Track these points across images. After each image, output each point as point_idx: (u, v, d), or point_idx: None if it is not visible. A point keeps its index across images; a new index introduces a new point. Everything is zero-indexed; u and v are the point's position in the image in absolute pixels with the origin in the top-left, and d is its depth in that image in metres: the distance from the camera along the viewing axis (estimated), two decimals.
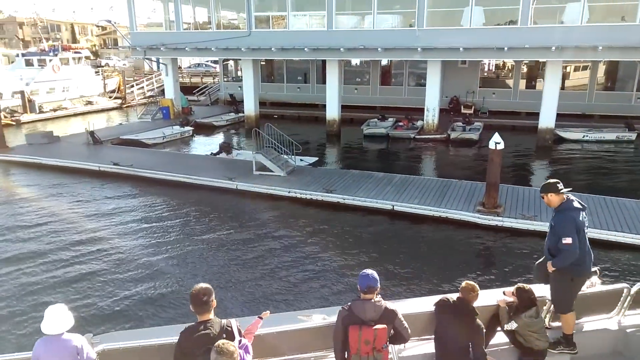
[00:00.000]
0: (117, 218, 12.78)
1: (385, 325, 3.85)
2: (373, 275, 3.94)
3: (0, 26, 73.81)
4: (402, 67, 29.73)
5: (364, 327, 3.80)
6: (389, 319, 3.90)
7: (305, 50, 21.39)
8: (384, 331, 3.83)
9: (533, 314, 4.52)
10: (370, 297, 3.90)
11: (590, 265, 4.91)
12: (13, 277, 9.63)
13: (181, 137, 23.05)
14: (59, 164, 17.21)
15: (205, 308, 3.54)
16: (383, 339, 3.83)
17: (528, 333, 4.53)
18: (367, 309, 3.85)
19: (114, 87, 37.84)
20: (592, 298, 4.92)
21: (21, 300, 8.69)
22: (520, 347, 4.65)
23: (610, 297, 4.99)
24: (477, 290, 4.35)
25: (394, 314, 3.94)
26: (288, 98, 31.51)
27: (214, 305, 3.61)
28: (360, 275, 3.98)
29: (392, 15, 21.45)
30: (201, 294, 3.53)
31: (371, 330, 3.79)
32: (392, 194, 13.02)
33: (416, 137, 22.59)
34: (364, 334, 3.78)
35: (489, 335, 4.59)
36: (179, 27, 24.24)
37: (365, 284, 3.91)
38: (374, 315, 3.84)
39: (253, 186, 14.22)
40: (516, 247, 10.57)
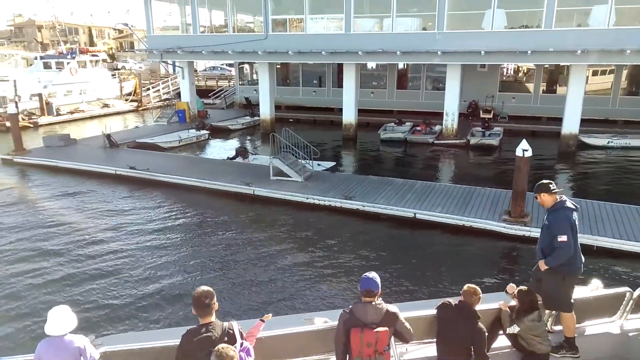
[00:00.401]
0: (132, 222, 12.63)
1: (387, 328, 3.85)
2: (374, 279, 3.95)
3: (19, 29, 75.02)
4: (419, 71, 29.32)
5: (366, 329, 3.82)
6: (391, 322, 3.91)
7: (323, 53, 21.14)
8: (386, 334, 3.84)
9: (535, 318, 4.51)
10: (371, 300, 3.91)
11: (580, 266, 4.94)
12: (28, 277, 9.65)
13: (197, 141, 22.94)
14: (76, 167, 17.16)
15: (207, 311, 3.54)
16: (385, 341, 3.84)
17: (530, 337, 4.51)
18: (368, 311, 3.86)
19: (130, 90, 38.02)
20: (594, 302, 4.90)
21: (34, 300, 8.71)
22: (523, 351, 4.62)
23: (613, 301, 4.97)
24: (479, 294, 4.36)
25: (395, 317, 3.94)
26: (303, 102, 31.30)
27: (216, 308, 3.61)
28: (361, 278, 3.99)
29: (411, 18, 21.05)
30: (203, 297, 3.54)
31: (373, 332, 3.80)
32: (414, 201, 12.66)
33: (435, 142, 22.16)
34: (365, 337, 3.79)
35: (491, 339, 4.56)
36: (195, 30, 24.18)
37: (365, 287, 3.93)
38: (375, 318, 3.85)
39: (270, 192, 13.96)
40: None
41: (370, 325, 3.83)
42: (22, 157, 18.34)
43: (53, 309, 3.77)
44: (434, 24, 20.14)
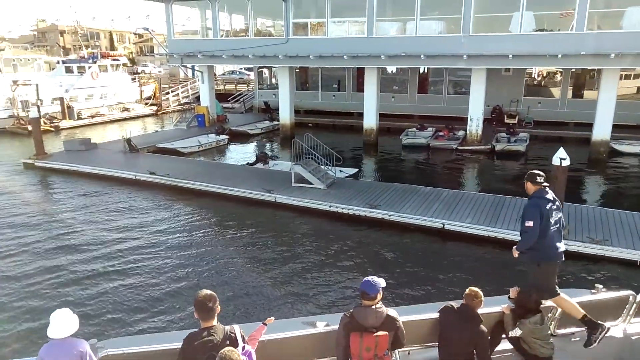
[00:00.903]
0: (152, 227, 12.42)
1: (386, 332, 3.81)
2: (371, 282, 3.91)
3: (42, 34, 76.44)
4: (441, 75, 28.76)
5: (365, 334, 3.78)
6: (391, 326, 3.86)
7: (345, 57, 20.78)
8: (385, 338, 3.80)
9: (538, 321, 4.49)
10: (371, 303, 3.87)
11: (556, 254, 5.04)
12: (46, 279, 9.63)
13: (216, 146, 22.75)
14: (96, 171, 17.06)
15: (210, 314, 3.53)
16: (384, 345, 3.80)
17: (533, 340, 4.48)
18: (368, 315, 3.82)
19: (150, 94, 38.17)
20: (598, 305, 4.85)
21: (46, 301, 8.76)
22: (525, 354, 4.58)
23: (616, 305, 4.93)
24: (481, 297, 4.34)
25: (395, 321, 3.91)
26: (323, 106, 30.97)
27: (218, 311, 3.60)
28: (362, 281, 3.97)
29: (436, 21, 20.56)
30: (206, 300, 3.53)
31: (372, 337, 3.77)
32: (442, 211, 12.16)
33: (458, 147, 21.59)
34: (365, 341, 3.76)
35: (493, 342, 4.56)
36: (216, 34, 24.05)
37: (362, 290, 3.91)
38: (375, 322, 3.81)
39: (292, 199, 13.60)
40: (585, 274, 9.55)
41: (370, 329, 3.79)
42: (43, 161, 18.33)
43: (55, 311, 3.75)
44: (458, 27, 19.63)
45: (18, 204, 14.38)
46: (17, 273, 10.00)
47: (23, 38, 76.25)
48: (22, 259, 10.65)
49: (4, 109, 27.64)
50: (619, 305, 4.94)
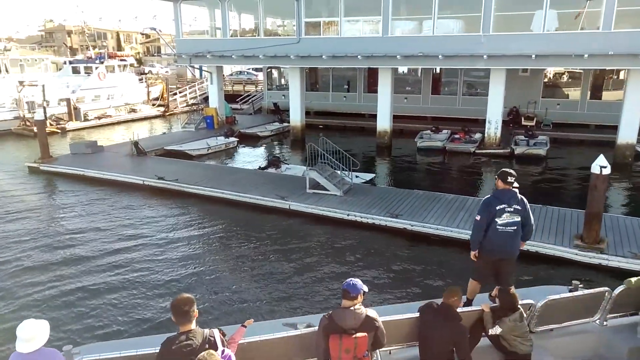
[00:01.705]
0: (160, 235, 11.82)
1: (365, 334, 3.79)
2: (351, 283, 3.90)
3: (50, 34, 76.34)
4: (455, 75, 28.00)
5: (344, 335, 3.76)
6: (370, 327, 3.84)
7: (359, 57, 20.08)
8: (365, 339, 3.78)
9: (517, 318, 4.52)
10: (350, 304, 3.84)
11: (495, 249, 5.57)
12: (43, 286, 9.28)
13: (226, 149, 22.13)
14: (103, 176, 16.48)
15: (186, 318, 3.47)
16: (364, 347, 3.78)
17: (512, 337, 4.53)
18: (347, 317, 3.80)
19: (157, 94, 37.66)
20: (575, 301, 4.92)
21: (44, 308, 8.52)
22: (505, 352, 4.63)
23: (592, 301, 5.01)
24: (460, 295, 4.39)
25: (374, 322, 3.88)
26: (333, 107, 30.30)
27: (196, 315, 3.53)
28: (345, 281, 3.96)
29: (454, 20, 19.82)
30: (181, 304, 3.47)
31: (351, 339, 3.74)
32: (468, 221, 11.41)
33: (476, 151, 20.82)
34: (344, 343, 3.73)
35: (473, 340, 4.56)
36: (225, 33, 23.44)
37: (345, 289, 3.90)
38: (354, 324, 3.78)
39: (308, 207, 12.92)
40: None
41: (349, 331, 3.76)
42: (48, 165, 17.78)
43: (22, 323, 3.48)
44: (477, 26, 18.88)
45: (21, 210, 13.80)
46: (16, 281, 9.50)
47: (30, 38, 76.18)
48: (21, 267, 10.09)
49: (10, 110, 27.18)
50: (595, 302, 5.02)
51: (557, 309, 4.86)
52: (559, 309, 4.88)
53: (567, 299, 4.89)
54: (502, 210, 5.48)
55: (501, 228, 5.49)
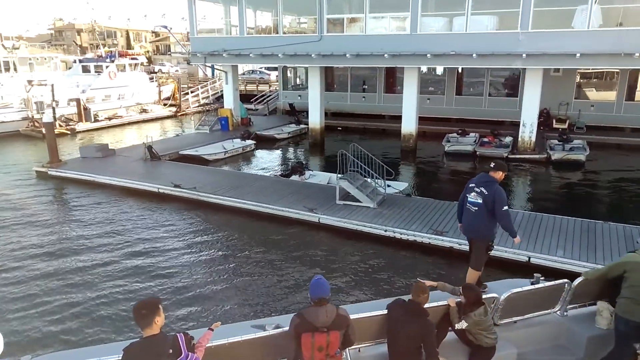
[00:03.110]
0: (175, 250, 10.77)
1: (337, 331, 3.79)
2: (324, 285, 3.88)
3: (59, 33, 75.73)
4: (479, 75, 26.73)
5: (317, 333, 3.75)
6: (341, 325, 3.85)
7: (385, 56, 18.87)
8: (337, 336, 3.79)
9: (482, 312, 4.57)
10: (322, 305, 3.82)
11: (465, 230, 6.44)
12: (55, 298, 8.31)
13: (243, 152, 21.02)
14: (115, 182, 15.42)
15: (146, 322, 3.30)
16: (336, 344, 3.79)
17: (478, 331, 4.58)
18: (319, 314, 3.79)
19: (168, 94, 36.68)
20: (537, 293, 5.01)
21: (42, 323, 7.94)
22: (471, 345, 4.70)
23: (553, 293, 5.10)
24: (428, 292, 4.37)
25: (346, 320, 3.89)
26: (352, 108, 29.12)
27: (160, 321, 3.34)
28: (311, 284, 3.91)
29: (488, 17, 18.53)
30: (140, 308, 3.33)
31: (324, 336, 3.74)
32: (524, 239, 10.19)
33: (509, 156, 19.53)
34: (317, 341, 3.73)
35: (440, 335, 4.59)
36: (242, 31, 22.32)
37: (317, 294, 3.83)
38: (326, 321, 3.78)
39: (339, 220, 11.74)
40: None
41: (321, 329, 3.75)
42: (57, 169, 16.76)
43: None
44: (514, 23, 17.60)
45: (28, 221, 12.77)
46: (21, 296, 8.72)
47: (40, 37, 75.63)
48: (24, 278, 9.08)
49: (18, 111, 26.25)
50: (556, 294, 5.13)
51: (520, 302, 4.95)
52: (522, 302, 4.98)
53: (529, 291, 4.97)
54: (471, 188, 6.12)
55: (468, 205, 6.16)
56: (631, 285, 4.69)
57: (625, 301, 4.72)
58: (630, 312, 4.65)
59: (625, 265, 4.81)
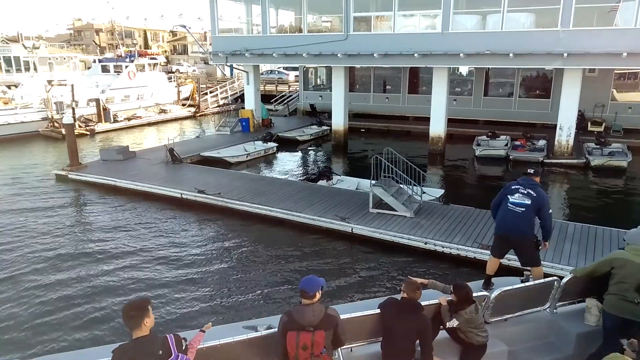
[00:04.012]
0: (200, 260, 10.16)
1: (323, 330, 3.73)
2: (310, 280, 3.84)
3: (78, 33, 76.24)
4: (506, 75, 25.77)
5: (302, 332, 3.71)
6: (329, 324, 3.79)
7: (415, 56, 18.05)
8: (322, 336, 3.72)
9: (473, 311, 4.58)
10: (310, 302, 3.78)
11: (500, 229, 6.27)
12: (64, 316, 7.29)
13: (265, 155, 20.40)
14: (137, 187, 14.90)
15: (134, 323, 3.27)
16: (321, 344, 3.73)
17: (469, 329, 4.58)
18: (306, 313, 3.75)
19: (187, 94, 36.30)
20: (527, 291, 5.08)
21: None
22: (462, 343, 4.71)
23: (543, 291, 5.17)
24: (421, 289, 4.36)
25: (334, 319, 3.84)
26: (375, 109, 28.36)
27: (149, 322, 3.31)
28: (301, 280, 3.87)
29: (526, 14, 17.61)
30: (129, 310, 3.30)
31: (309, 335, 3.70)
32: (577, 253, 9.39)
33: (545, 160, 18.57)
34: (301, 339, 3.69)
35: (432, 333, 4.53)
36: (265, 30, 21.69)
37: (302, 289, 3.81)
38: (312, 320, 3.73)
39: (374, 231, 11.01)
40: None
41: (307, 327, 3.71)
42: (77, 173, 16.32)
43: None
44: (552, 20, 16.67)
45: (48, 226, 12.29)
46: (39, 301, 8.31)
47: (59, 37, 76.25)
48: (43, 283, 8.61)
49: (38, 111, 26.01)
50: (545, 291, 5.16)
51: (510, 300, 4.99)
52: (512, 300, 5.01)
53: (519, 289, 5.03)
54: (516, 190, 6.07)
55: (510, 206, 6.02)
56: (618, 282, 4.71)
57: (612, 297, 4.75)
58: (617, 309, 4.68)
59: (612, 262, 4.82)
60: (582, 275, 5.14)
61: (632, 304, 4.57)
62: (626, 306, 4.61)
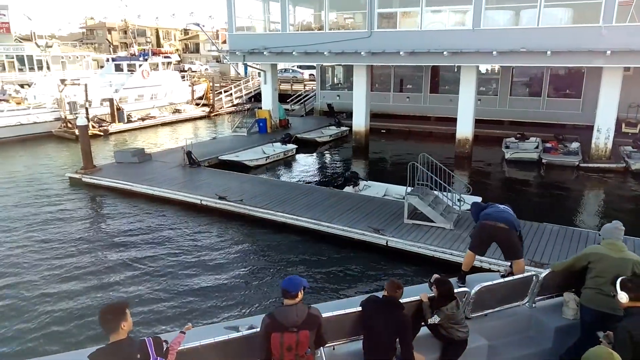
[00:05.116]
0: (221, 271, 9.47)
1: (307, 331, 3.72)
2: (293, 280, 3.83)
3: (91, 31, 76.05)
4: (531, 73, 24.72)
5: (286, 333, 3.68)
6: (313, 324, 3.78)
7: (445, 54, 17.11)
8: (306, 336, 3.72)
9: (454, 307, 4.59)
10: (292, 302, 3.77)
11: (486, 218, 6.14)
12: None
13: (284, 157, 19.61)
14: (153, 192, 14.19)
15: (111, 327, 3.23)
16: (305, 344, 3.73)
17: (450, 325, 4.60)
18: (289, 314, 3.72)
19: (201, 94, 35.65)
20: (506, 286, 5.13)
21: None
22: (443, 339, 4.72)
23: (522, 286, 5.23)
24: (402, 288, 4.37)
25: (317, 319, 3.84)
26: (395, 109, 27.43)
27: (126, 326, 3.26)
28: (283, 280, 3.86)
29: (563, 9, 16.59)
30: (106, 313, 3.26)
31: (293, 335, 3.68)
32: None
33: (581, 164, 17.56)
34: (285, 340, 3.68)
35: (414, 330, 4.56)
36: (284, 28, 20.87)
37: (284, 288, 3.80)
38: (296, 320, 3.71)
39: (412, 244, 10.16)
40: None
41: (291, 328, 3.68)
42: (91, 176, 15.66)
43: None
44: (594, 15, 15.64)
45: (62, 233, 11.62)
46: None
47: (72, 36, 76.12)
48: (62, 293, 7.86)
49: (51, 111, 25.47)
50: (524, 286, 5.23)
51: (490, 295, 5.02)
52: (492, 295, 5.04)
53: (499, 284, 5.07)
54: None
55: (493, 209, 6.21)
56: (595, 276, 4.79)
57: (589, 291, 4.83)
58: (594, 302, 4.75)
59: (589, 257, 4.90)
60: (560, 270, 5.21)
61: (608, 297, 4.52)
62: (603, 299, 4.65)
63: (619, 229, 4.93)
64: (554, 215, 12.41)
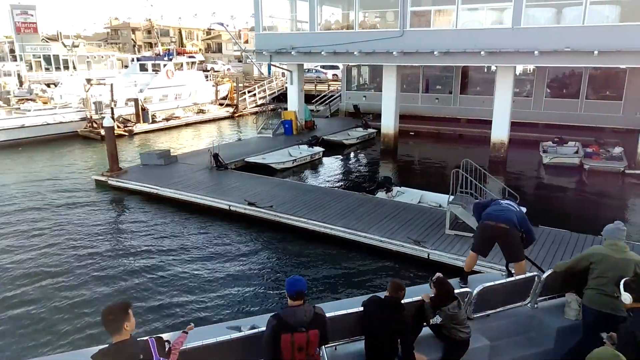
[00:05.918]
0: (252, 283, 8.99)
1: (317, 330, 3.72)
2: (301, 280, 3.81)
3: (115, 31, 76.89)
4: (567, 74, 23.68)
5: (296, 333, 3.65)
6: (320, 323, 3.78)
7: (482, 54, 16.34)
8: (316, 335, 3.71)
9: (456, 307, 4.58)
10: (299, 303, 3.76)
11: (488, 218, 6.08)
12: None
13: (311, 160, 19.07)
14: (180, 197, 13.79)
15: (114, 328, 3.21)
16: (315, 343, 3.73)
17: (452, 325, 4.58)
18: (297, 314, 3.70)
19: (224, 94, 35.39)
20: (509, 286, 5.14)
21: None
22: (445, 340, 4.70)
23: (524, 286, 5.23)
24: (404, 289, 4.36)
25: (323, 318, 3.84)
26: (423, 110, 26.64)
27: (129, 326, 3.25)
28: (287, 281, 3.82)
29: (610, 6, 15.66)
30: (108, 314, 3.23)
31: (303, 335, 3.66)
32: None
33: (626, 171, 16.58)
34: (296, 341, 3.64)
35: (415, 330, 4.60)
36: (313, 27, 20.32)
37: (295, 289, 3.74)
38: (304, 320, 3.69)
39: (456, 258, 9.49)
40: None
41: (300, 328, 3.65)
42: (117, 179, 15.36)
43: None
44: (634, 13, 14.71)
45: (88, 237, 11.29)
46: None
47: (97, 35, 77.07)
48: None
49: (77, 111, 25.44)
50: (526, 286, 5.22)
51: (492, 295, 5.00)
52: (494, 295, 5.02)
53: (501, 285, 5.05)
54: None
55: (495, 206, 6.15)
56: (596, 277, 4.76)
57: (591, 292, 4.78)
58: (596, 303, 4.72)
59: (590, 257, 4.86)
60: (562, 270, 5.15)
61: (610, 298, 4.53)
62: (605, 300, 4.62)
63: (621, 230, 4.84)
64: (600, 226, 11.59)
